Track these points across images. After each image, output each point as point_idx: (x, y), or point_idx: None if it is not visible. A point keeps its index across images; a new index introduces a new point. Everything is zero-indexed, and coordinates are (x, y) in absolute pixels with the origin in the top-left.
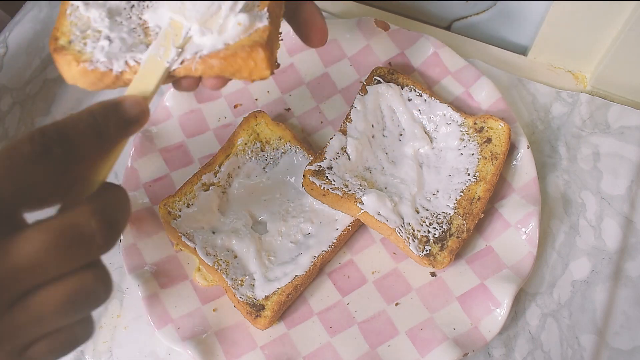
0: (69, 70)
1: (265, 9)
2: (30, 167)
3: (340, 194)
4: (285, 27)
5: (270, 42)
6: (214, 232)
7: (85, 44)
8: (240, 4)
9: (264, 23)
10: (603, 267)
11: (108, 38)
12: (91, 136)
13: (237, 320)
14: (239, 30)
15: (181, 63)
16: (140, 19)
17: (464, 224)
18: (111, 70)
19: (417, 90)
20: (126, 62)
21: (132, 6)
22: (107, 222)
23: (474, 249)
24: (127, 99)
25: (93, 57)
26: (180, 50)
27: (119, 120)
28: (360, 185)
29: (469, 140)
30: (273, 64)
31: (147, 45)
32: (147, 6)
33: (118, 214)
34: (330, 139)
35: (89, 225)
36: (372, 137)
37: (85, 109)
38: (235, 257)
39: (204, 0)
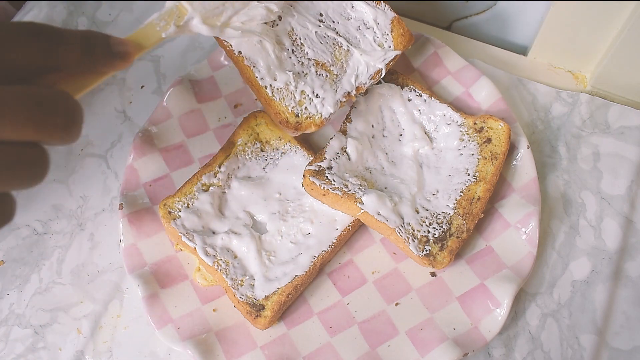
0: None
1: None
2: (18, 44)
3: (340, 194)
4: None
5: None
6: (214, 232)
7: (306, 108)
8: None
9: (392, 15)
10: (603, 267)
11: (316, 95)
12: (79, 51)
13: (237, 320)
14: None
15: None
16: (309, 59)
17: (463, 224)
18: (331, 114)
19: (417, 91)
20: (339, 102)
21: (301, 54)
22: (72, 115)
23: (474, 249)
24: (118, 38)
25: (324, 114)
26: (176, 28)
27: (106, 50)
28: (360, 185)
29: (469, 140)
30: None
31: (340, 78)
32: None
33: (80, 117)
34: (330, 139)
35: (60, 104)
36: (372, 137)
37: (79, 30)
38: (235, 257)
39: (212, 0)
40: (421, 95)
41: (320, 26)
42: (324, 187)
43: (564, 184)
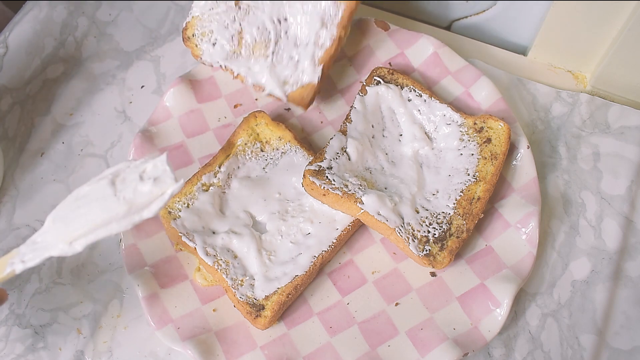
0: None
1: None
2: None
3: (340, 194)
4: None
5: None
6: (214, 232)
7: (201, 40)
8: None
9: (314, 80)
10: (603, 267)
11: (214, 42)
12: None
13: (237, 320)
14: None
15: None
16: (240, 25)
17: (463, 224)
18: (211, 65)
19: (417, 91)
20: (223, 66)
21: (239, 8)
22: None
23: (474, 249)
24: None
25: (202, 55)
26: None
27: None
28: (360, 185)
29: (469, 140)
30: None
31: (237, 55)
32: (248, 12)
33: None
34: (330, 139)
35: None
36: (372, 137)
37: None
38: (235, 257)
39: None
40: (421, 96)
41: None
42: (324, 187)
43: (564, 184)
